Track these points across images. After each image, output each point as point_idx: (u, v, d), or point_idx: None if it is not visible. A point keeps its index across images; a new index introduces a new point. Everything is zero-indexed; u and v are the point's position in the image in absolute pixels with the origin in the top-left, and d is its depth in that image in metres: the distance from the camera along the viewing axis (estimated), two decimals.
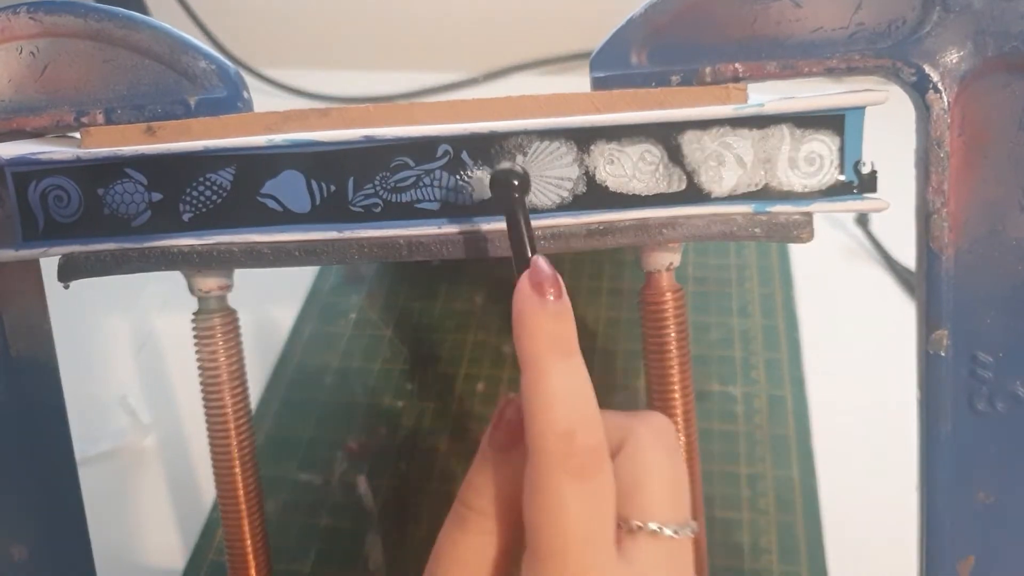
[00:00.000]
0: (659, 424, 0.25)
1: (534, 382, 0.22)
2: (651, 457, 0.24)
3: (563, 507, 0.21)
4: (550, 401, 0.22)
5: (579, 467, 0.22)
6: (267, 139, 0.26)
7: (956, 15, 0.25)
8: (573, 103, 0.26)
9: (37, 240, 0.28)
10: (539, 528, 0.22)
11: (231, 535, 0.31)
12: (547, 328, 0.22)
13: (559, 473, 0.21)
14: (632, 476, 0.23)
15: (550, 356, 0.22)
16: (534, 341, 0.22)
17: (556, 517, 0.21)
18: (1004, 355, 0.27)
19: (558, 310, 0.23)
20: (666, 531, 0.23)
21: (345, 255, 0.27)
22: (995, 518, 0.28)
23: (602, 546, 0.22)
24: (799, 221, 0.27)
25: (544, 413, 0.22)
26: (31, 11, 0.27)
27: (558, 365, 0.22)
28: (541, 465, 0.22)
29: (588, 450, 0.22)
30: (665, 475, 0.24)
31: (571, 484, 0.21)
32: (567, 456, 0.21)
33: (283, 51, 0.76)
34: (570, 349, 0.23)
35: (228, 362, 0.30)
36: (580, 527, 0.21)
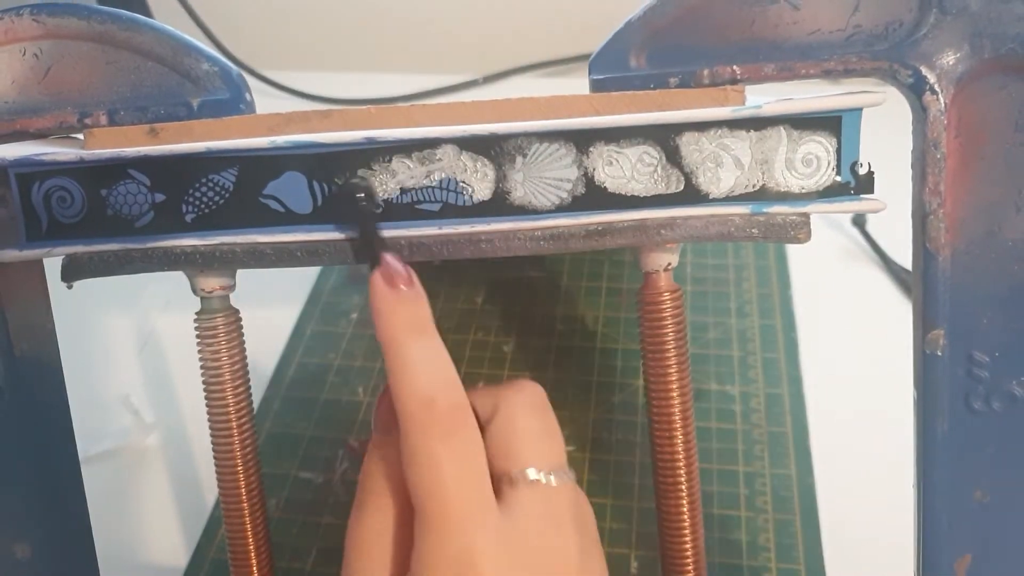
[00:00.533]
0: (527, 387, 0.27)
1: (393, 359, 0.24)
2: (520, 414, 0.26)
3: (435, 466, 0.23)
4: (408, 373, 0.24)
5: (444, 428, 0.23)
6: (269, 140, 0.27)
7: (953, 17, 0.26)
8: (572, 105, 0.27)
9: (40, 240, 0.28)
10: (419, 491, 0.23)
11: (233, 533, 0.31)
12: (400, 312, 0.25)
13: (426, 436, 0.23)
14: (505, 434, 0.25)
15: (405, 335, 0.24)
16: (389, 325, 0.24)
17: (431, 477, 0.23)
18: (1000, 355, 0.27)
19: (409, 296, 0.25)
20: (540, 477, 0.25)
21: (346, 255, 0.28)
22: (992, 517, 0.28)
23: (479, 496, 0.24)
24: (796, 222, 0.27)
25: (405, 384, 0.24)
26: (34, 13, 0.27)
27: (413, 342, 0.24)
28: (410, 432, 0.23)
29: (450, 410, 0.24)
30: (534, 427, 0.26)
31: (439, 444, 0.23)
32: (431, 419, 0.23)
33: (285, 53, 0.76)
34: (424, 328, 0.25)
35: (230, 361, 0.30)
36: (454, 481, 0.23)
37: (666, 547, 0.31)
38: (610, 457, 0.43)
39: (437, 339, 0.25)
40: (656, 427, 0.31)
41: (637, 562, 0.39)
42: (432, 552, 0.23)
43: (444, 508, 0.23)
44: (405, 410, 0.24)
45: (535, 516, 0.24)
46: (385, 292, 0.25)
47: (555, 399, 0.46)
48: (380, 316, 0.25)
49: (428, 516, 0.23)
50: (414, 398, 0.24)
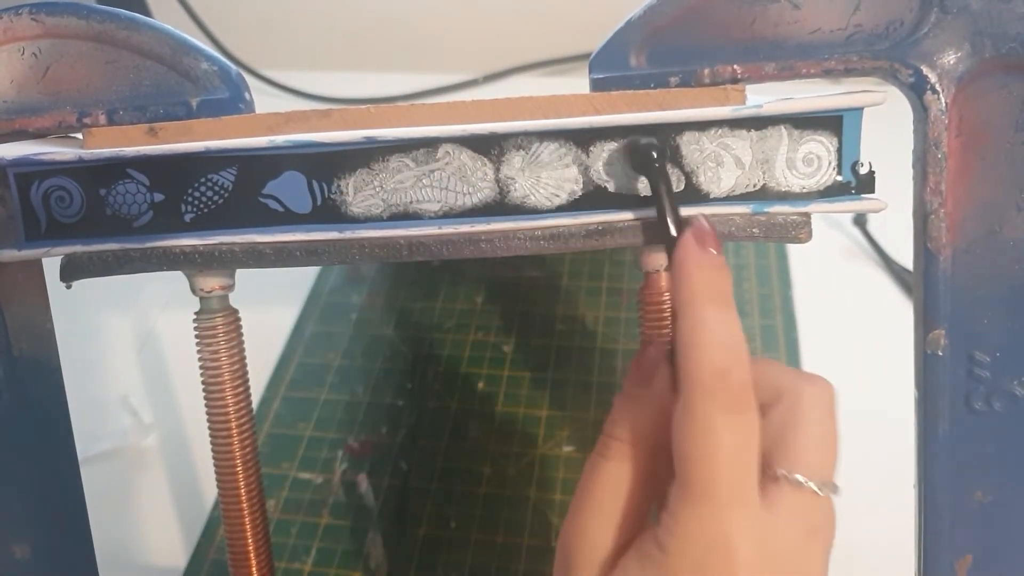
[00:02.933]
0: (821, 385, 0.26)
1: (692, 323, 0.23)
2: (808, 412, 0.25)
3: (714, 436, 0.22)
4: (707, 341, 0.23)
5: (731, 401, 0.23)
6: (268, 140, 0.27)
7: (954, 16, 0.26)
8: (572, 104, 0.27)
9: (39, 240, 0.28)
10: (689, 456, 0.23)
11: (232, 534, 0.31)
12: (708, 277, 0.24)
13: (712, 406, 0.22)
14: (784, 426, 0.24)
15: (707, 300, 0.23)
16: (693, 285, 0.24)
17: (707, 448, 0.22)
18: (1001, 355, 0.27)
19: (719, 263, 0.24)
20: (810, 484, 0.24)
21: (346, 255, 0.28)
22: (993, 517, 0.28)
23: (748, 482, 0.23)
24: (797, 221, 0.27)
25: (701, 350, 0.23)
26: (33, 12, 0.27)
27: (715, 308, 0.23)
28: (695, 398, 0.23)
29: (740, 386, 0.23)
30: (817, 432, 0.25)
31: (723, 416, 0.22)
32: (721, 390, 0.23)
33: (285, 53, 0.76)
34: (727, 299, 0.24)
35: (230, 362, 0.30)
36: (729, 460, 0.22)
37: None
38: None
39: (736, 313, 0.24)
40: None
41: None
42: (689, 525, 0.22)
43: (713, 484, 0.22)
44: (695, 375, 0.23)
45: (795, 521, 0.23)
46: (696, 251, 0.24)
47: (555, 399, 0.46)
48: (685, 274, 0.24)
49: (693, 486, 0.22)
50: (708, 365, 0.23)
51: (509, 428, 0.46)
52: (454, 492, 0.43)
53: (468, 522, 0.42)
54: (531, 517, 0.42)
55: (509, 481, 0.43)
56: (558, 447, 0.44)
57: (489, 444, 0.45)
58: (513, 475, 0.43)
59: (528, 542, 0.41)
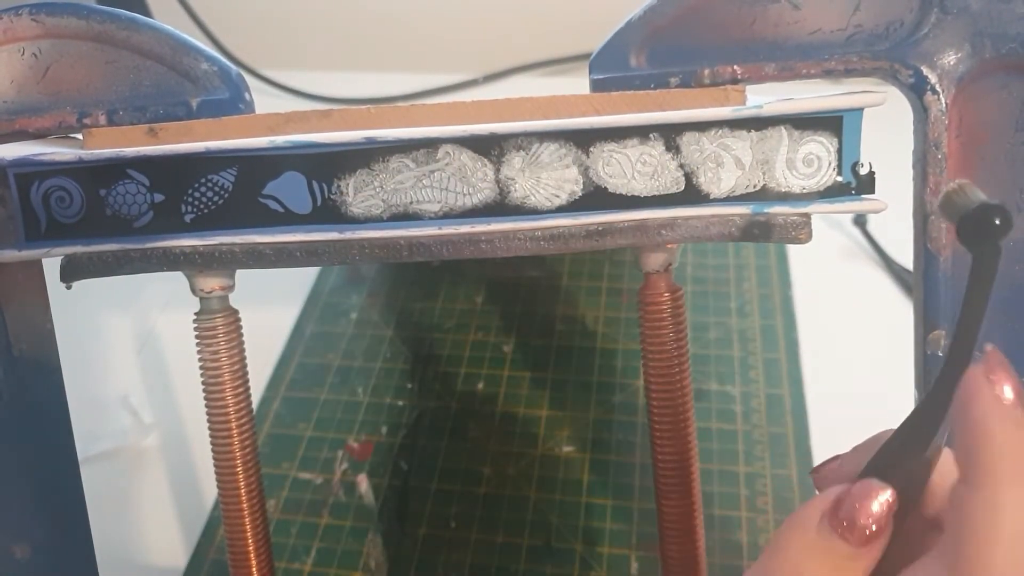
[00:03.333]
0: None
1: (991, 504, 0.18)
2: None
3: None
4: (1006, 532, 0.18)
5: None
6: (269, 140, 0.27)
7: (954, 17, 0.26)
8: (572, 105, 0.27)
9: (39, 240, 0.28)
10: None
11: (232, 534, 0.31)
12: (1014, 442, 0.19)
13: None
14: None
15: (1013, 478, 0.18)
16: (997, 455, 0.19)
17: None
18: None
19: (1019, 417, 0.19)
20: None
21: (346, 256, 0.28)
22: None
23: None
24: (797, 222, 0.27)
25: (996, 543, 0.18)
26: (33, 13, 0.27)
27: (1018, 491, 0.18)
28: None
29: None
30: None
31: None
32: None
33: (285, 53, 0.76)
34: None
35: (230, 362, 0.30)
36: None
37: (666, 548, 0.31)
38: (610, 457, 0.43)
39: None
40: (656, 427, 0.31)
41: (637, 563, 0.39)
42: None
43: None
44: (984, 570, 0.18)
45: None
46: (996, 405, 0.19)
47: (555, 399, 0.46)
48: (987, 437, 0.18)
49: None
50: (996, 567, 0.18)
51: (509, 428, 0.46)
52: (454, 492, 0.43)
53: (468, 522, 0.42)
54: (531, 517, 0.42)
55: (509, 481, 0.43)
56: (558, 447, 0.44)
57: (489, 444, 0.45)
58: (513, 475, 0.43)
59: (528, 542, 0.41)
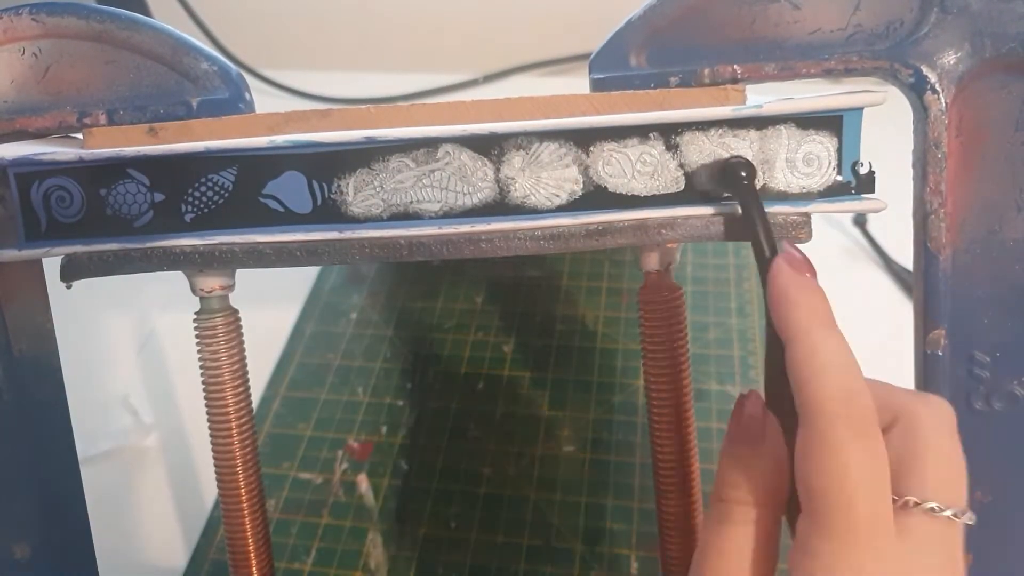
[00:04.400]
0: (941, 407, 0.24)
1: (808, 351, 0.23)
2: (932, 436, 0.23)
3: (849, 464, 0.21)
4: (828, 367, 0.22)
5: (860, 427, 0.21)
6: (269, 140, 0.27)
7: (954, 16, 0.26)
8: (572, 104, 0.27)
9: (40, 240, 0.28)
10: (823, 488, 0.21)
11: (233, 534, 0.31)
12: (813, 302, 0.23)
13: (843, 433, 0.21)
14: (909, 451, 0.23)
15: (818, 326, 0.23)
16: (802, 314, 0.23)
17: (842, 474, 0.21)
18: (1001, 355, 0.27)
19: (816, 285, 0.24)
20: (945, 512, 0.22)
21: (346, 255, 0.28)
22: (993, 517, 0.28)
23: (885, 510, 0.21)
24: (797, 221, 0.27)
25: (821, 378, 0.22)
26: (33, 12, 0.27)
27: (830, 334, 0.23)
28: (821, 428, 0.22)
29: (868, 409, 0.22)
30: (945, 455, 0.23)
31: (855, 443, 0.21)
32: (850, 415, 0.21)
33: (285, 53, 0.76)
34: (835, 324, 0.23)
35: (230, 361, 0.30)
36: (865, 487, 0.21)
37: (667, 547, 0.31)
38: (610, 457, 0.43)
39: (843, 336, 0.23)
40: (656, 427, 0.31)
41: (637, 562, 0.39)
42: (829, 560, 0.21)
43: (851, 515, 0.21)
44: (820, 404, 0.22)
45: (932, 552, 0.22)
46: (795, 278, 0.24)
47: (555, 399, 0.46)
48: (789, 303, 0.23)
49: (829, 520, 0.21)
50: (833, 392, 0.22)
51: (509, 428, 0.46)
52: (454, 492, 0.43)
53: (468, 522, 0.42)
54: (531, 517, 0.42)
55: (509, 481, 0.43)
56: (558, 447, 0.44)
57: (489, 444, 0.45)
58: (513, 475, 0.43)
59: (528, 542, 0.41)
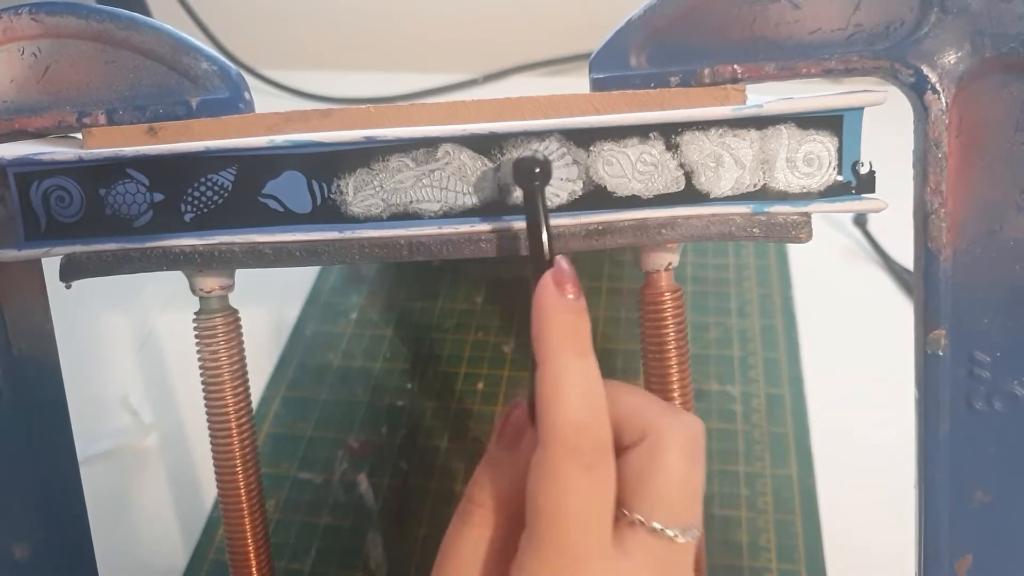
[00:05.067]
0: (688, 425, 0.25)
1: (552, 374, 0.23)
2: (670, 457, 0.24)
3: (568, 493, 0.22)
4: (567, 395, 0.23)
5: (588, 459, 0.22)
6: (268, 140, 0.27)
7: (954, 16, 0.26)
8: (572, 104, 0.27)
9: (39, 240, 0.28)
10: (542, 510, 0.22)
11: (232, 534, 0.31)
12: (567, 324, 0.23)
13: (569, 462, 0.22)
14: (644, 470, 0.24)
15: (568, 353, 0.23)
16: (553, 335, 0.23)
17: (561, 501, 0.22)
18: (1002, 355, 0.27)
19: (578, 307, 0.24)
20: (668, 532, 0.23)
21: (346, 255, 0.28)
22: (993, 517, 0.28)
23: (601, 529, 0.23)
24: (797, 221, 0.27)
25: (561, 406, 0.23)
26: (33, 12, 0.27)
27: (575, 362, 0.23)
28: (552, 453, 0.22)
29: (599, 444, 0.23)
30: (678, 476, 0.24)
31: (579, 473, 0.22)
32: (578, 448, 0.22)
33: (284, 52, 0.76)
34: (586, 348, 0.23)
35: (229, 362, 0.30)
36: (581, 516, 0.22)
37: None
38: None
39: (595, 361, 0.23)
40: None
41: None
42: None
43: (563, 539, 0.22)
44: (554, 430, 0.22)
45: (649, 569, 0.23)
46: (554, 296, 0.23)
47: None
48: (544, 322, 0.23)
49: (543, 541, 0.22)
50: (568, 421, 0.22)
51: None
52: (454, 492, 0.43)
53: None
54: None
55: None
56: None
57: (489, 444, 0.45)
58: None
59: None
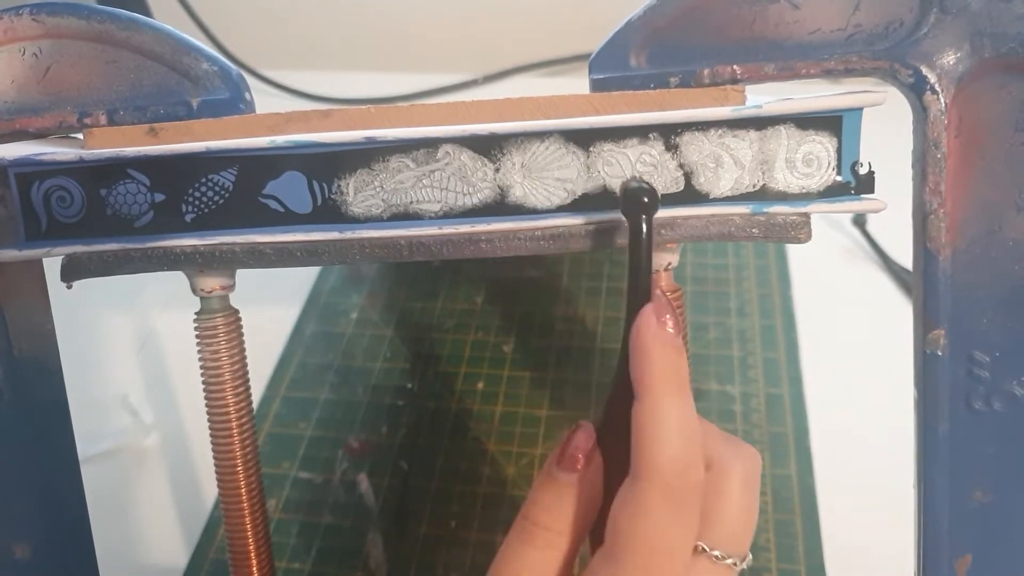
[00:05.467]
0: (749, 456, 0.26)
1: (653, 412, 0.23)
2: (732, 488, 0.25)
3: (657, 529, 0.22)
4: (668, 433, 0.23)
5: (683, 499, 0.23)
6: (269, 140, 0.27)
7: (953, 17, 0.26)
8: (572, 104, 0.27)
9: (40, 240, 0.28)
10: (628, 541, 0.23)
11: (233, 533, 0.31)
12: (668, 360, 0.23)
13: (662, 500, 0.23)
14: (712, 500, 0.24)
15: (670, 389, 0.23)
16: (656, 372, 0.23)
17: (649, 536, 0.23)
18: (1001, 355, 0.27)
19: (677, 343, 0.24)
20: (727, 560, 0.24)
21: (346, 255, 0.28)
22: (992, 517, 0.28)
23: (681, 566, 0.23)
24: (797, 222, 0.27)
25: (659, 444, 0.23)
26: (34, 13, 0.27)
27: (676, 399, 0.23)
28: (646, 488, 0.23)
29: (692, 485, 0.23)
30: (738, 507, 0.25)
31: (670, 513, 0.23)
32: (672, 486, 0.23)
33: (285, 53, 0.76)
34: (685, 386, 0.24)
35: (230, 361, 0.30)
36: (668, 550, 0.23)
37: None
38: None
39: (692, 400, 0.24)
40: None
41: None
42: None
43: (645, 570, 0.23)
44: (651, 467, 0.23)
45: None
46: (656, 330, 0.23)
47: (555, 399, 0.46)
48: (646, 356, 0.23)
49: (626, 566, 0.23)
50: (670, 461, 0.23)
51: (509, 428, 0.46)
52: (454, 492, 0.43)
53: (468, 522, 0.42)
54: None
55: (509, 481, 0.43)
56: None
57: (489, 444, 0.45)
58: (513, 475, 0.43)
59: None
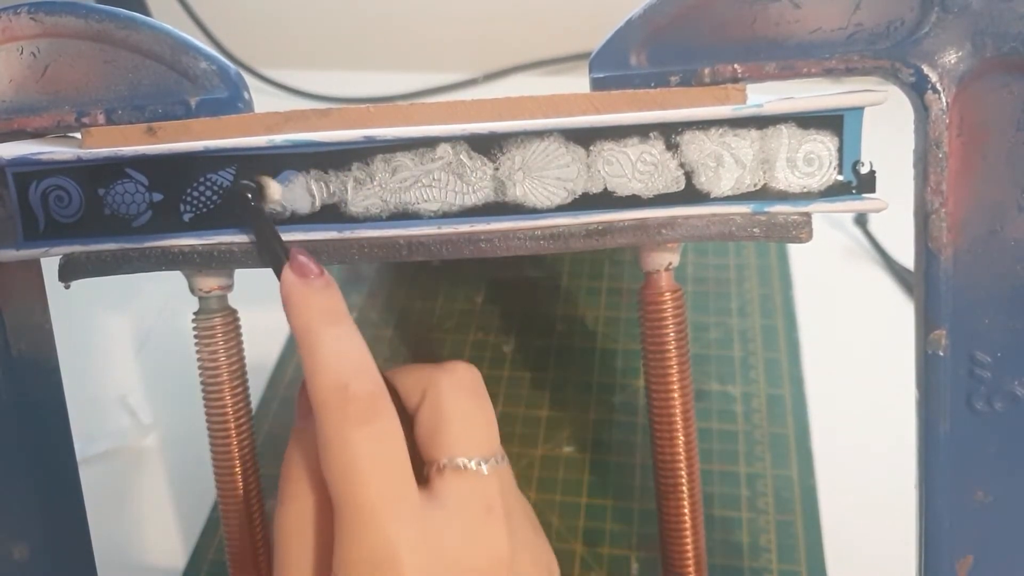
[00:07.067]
0: (460, 370, 0.26)
1: (306, 348, 0.24)
2: (450, 399, 0.25)
3: (350, 454, 0.22)
4: (322, 361, 0.24)
5: (358, 415, 0.23)
6: (267, 139, 0.27)
7: (955, 16, 0.26)
8: (572, 103, 0.26)
9: (38, 240, 0.28)
10: (334, 481, 0.22)
11: (232, 534, 0.31)
12: (312, 301, 0.25)
13: (340, 423, 0.22)
14: (433, 419, 0.25)
15: (318, 324, 0.24)
16: (302, 314, 0.25)
17: (345, 465, 0.22)
18: (1002, 355, 0.27)
19: (323, 284, 0.25)
20: (470, 464, 0.24)
21: (345, 255, 0.28)
22: (993, 517, 0.28)
23: (398, 486, 0.23)
24: (798, 221, 0.27)
25: (318, 372, 0.23)
26: (32, 12, 0.27)
27: (328, 330, 0.24)
28: (324, 420, 0.23)
29: (364, 396, 0.23)
30: (464, 413, 0.25)
31: (353, 431, 0.22)
32: (345, 406, 0.23)
33: (284, 52, 0.76)
34: (338, 317, 0.25)
35: (229, 362, 0.30)
36: (370, 470, 0.22)
37: (667, 548, 0.31)
38: (610, 458, 0.43)
39: (351, 327, 0.25)
40: (657, 428, 0.31)
41: (638, 564, 0.39)
42: (349, 546, 0.22)
43: (359, 499, 0.22)
44: (318, 398, 0.23)
45: (461, 506, 0.23)
46: (296, 282, 0.25)
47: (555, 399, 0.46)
48: (292, 306, 0.25)
49: (344, 508, 0.22)
50: (327, 385, 0.23)
51: (509, 428, 0.45)
52: None
53: None
54: None
55: None
56: (558, 447, 0.44)
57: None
58: (513, 475, 0.43)
59: None
